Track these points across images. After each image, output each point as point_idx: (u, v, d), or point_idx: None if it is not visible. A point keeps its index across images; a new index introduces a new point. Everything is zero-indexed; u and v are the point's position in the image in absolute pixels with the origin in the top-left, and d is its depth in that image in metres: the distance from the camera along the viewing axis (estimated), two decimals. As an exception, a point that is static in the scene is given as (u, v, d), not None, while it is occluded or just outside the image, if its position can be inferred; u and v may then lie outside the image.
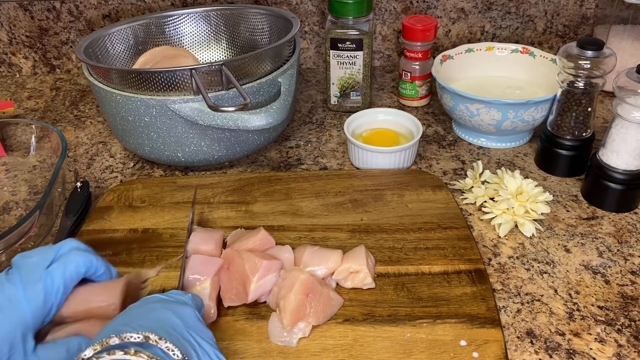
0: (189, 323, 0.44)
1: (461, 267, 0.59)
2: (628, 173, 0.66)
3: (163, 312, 0.44)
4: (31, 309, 0.45)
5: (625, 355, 0.52)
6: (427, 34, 0.85)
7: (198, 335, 0.43)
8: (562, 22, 1.01)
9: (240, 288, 0.55)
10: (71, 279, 0.48)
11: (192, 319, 0.45)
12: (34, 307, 0.46)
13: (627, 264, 0.61)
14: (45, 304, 0.46)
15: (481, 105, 0.74)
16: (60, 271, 0.48)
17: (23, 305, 0.45)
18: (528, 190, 0.66)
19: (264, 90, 0.72)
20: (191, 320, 0.45)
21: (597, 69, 0.67)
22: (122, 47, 0.86)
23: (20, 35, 1.02)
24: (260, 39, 0.88)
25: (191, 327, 0.44)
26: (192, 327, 0.44)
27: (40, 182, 0.74)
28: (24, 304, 0.45)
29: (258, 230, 0.61)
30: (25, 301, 0.45)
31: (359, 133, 0.79)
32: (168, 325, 0.42)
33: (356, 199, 0.69)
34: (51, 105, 0.97)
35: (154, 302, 0.46)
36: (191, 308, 0.46)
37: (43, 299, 0.46)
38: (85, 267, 0.50)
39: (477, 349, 0.50)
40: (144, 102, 0.69)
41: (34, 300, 0.46)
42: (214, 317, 0.54)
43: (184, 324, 0.43)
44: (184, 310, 0.45)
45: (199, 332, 0.44)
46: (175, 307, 0.45)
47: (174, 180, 0.74)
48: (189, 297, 0.48)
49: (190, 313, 0.45)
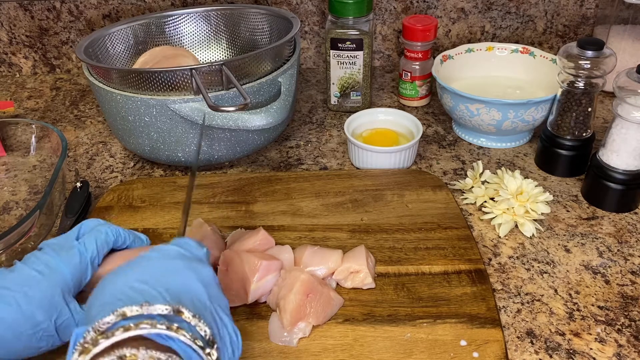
0: (211, 291, 0.40)
1: (461, 267, 0.59)
2: (628, 173, 0.66)
3: (186, 274, 0.39)
4: (70, 270, 0.46)
5: (625, 355, 0.52)
6: (427, 34, 0.85)
7: (218, 306, 0.39)
8: (562, 22, 1.01)
9: (240, 289, 0.55)
10: (102, 246, 0.49)
11: (212, 283, 0.41)
12: (72, 268, 0.46)
13: (627, 264, 0.61)
14: (81, 265, 0.47)
15: (481, 105, 0.74)
16: (92, 239, 0.49)
17: (62, 267, 0.46)
18: (528, 190, 0.66)
19: (264, 90, 0.72)
20: (212, 287, 0.40)
21: (597, 69, 0.67)
22: (122, 47, 0.86)
23: (20, 35, 1.02)
24: (260, 39, 0.88)
25: (213, 296, 0.39)
26: (213, 295, 0.39)
27: (40, 182, 0.74)
28: (63, 267, 0.46)
29: (258, 230, 0.61)
30: (63, 264, 0.46)
31: (359, 133, 0.79)
32: (194, 295, 0.38)
33: (356, 199, 0.69)
34: (51, 105, 0.97)
35: (175, 258, 0.41)
36: (210, 269, 0.42)
37: (79, 260, 0.47)
38: (115, 236, 0.51)
39: (477, 349, 0.50)
40: (144, 102, 0.69)
41: (70, 262, 0.46)
42: None
43: (207, 292, 0.39)
44: (205, 271, 0.41)
45: (219, 301, 0.40)
46: (197, 267, 0.41)
47: (174, 180, 0.74)
48: (205, 253, 0.44)
49: (210, 275, 0.41)
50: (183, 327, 0.34)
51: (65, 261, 0.46)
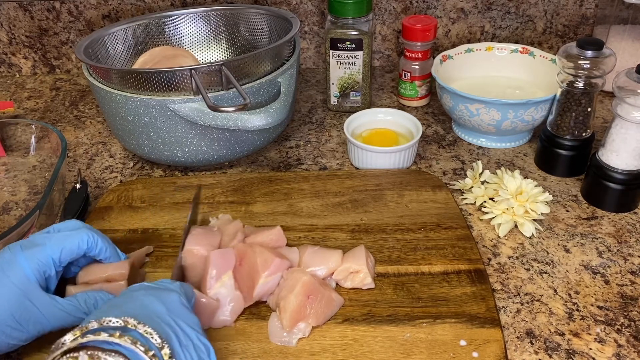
0: (173, 308, 0.45)
1: (461, 267, 0.59)
2: (628, 173, 0.66)
3: (146, 298, 0.45)
4: (31, 266, 0.48)
5: (624, 355, 0.52)
6: (427, 34, 0.85)
7: (182, 321, 0.44)
8: (562, 22, 1.01)
9: (249, 282, 0.55)
10: (69, 252, 0.51)
11: (176, 304, 0.46)
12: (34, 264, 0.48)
13: (627, 264, 0.61)
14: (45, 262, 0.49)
15: (481, 105, 0.74)
16: (60, 242, 0.50)
17: (22, 263, 0.48)
18: (528, 190, 0.66)
19: (263, 90, 0.72)
20: (175, 305, 0.45)
21: (597, 69, 0.67)
22: (122, 47, 0.86)
23: (20, 36, 1.02)
24: (260, 39, 0.88)
25: (174, 313, 0.44)
26: (175, 312, 0.44)
27: (40, 182, 0.74)
28: (24, 263, 0.48)
29: (274, 227, 0.61)
30: (25, 260, 0.48)
31: (359, 133, 0.79)
32: (150, 311, 0.43)
33: (356, 199, 0.69)
34: (51, 106, 0.97)
35: (138, 289, 0.47)
36: (177, 294, 0.47)
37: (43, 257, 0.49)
38: (88, 244, 0.52)
39: (477, 349, 0.50)
40: (143, 102, 0.69)
41: (33, 258, 0.48)
42: (244, 305, 0.55)
43: (167, 309, 0.44)
44: (169, 296, 0.46)
45: (183, 318, 0.44)
46: (160, 294, 0.46)
47: (173, 181, 0.74)
48: (176, 285, 0.48)
49: (175, 299, 0.46)
50: (131, 335, 0.40)
51: (28, 257, 0.48)
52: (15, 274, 0.47)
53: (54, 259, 0.50)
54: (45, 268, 0.49)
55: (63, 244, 0.51)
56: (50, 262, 0.50)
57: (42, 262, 0.49)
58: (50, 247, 0.50)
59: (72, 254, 0.51)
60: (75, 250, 0.51)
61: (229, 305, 0.54)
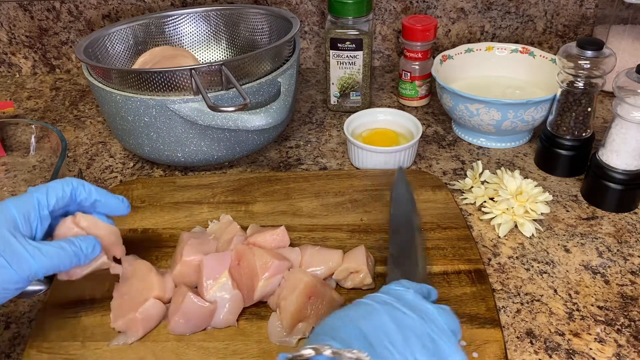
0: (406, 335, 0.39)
1: (461, 267, 0.59)
2: (628, 173, 0.66)
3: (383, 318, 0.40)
4: (17, 209, 0.48)
5: (625, 355, 0.52)
6: (427, 34, 0.85)
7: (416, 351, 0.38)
8: (562, 22, 1.01)
9: (249, 284, 0.55)
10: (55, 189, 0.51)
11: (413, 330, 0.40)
12: (19, 208, 0.49)
13: (627, 264, 0.61)
14: (30, 205, 0.49)
15: (481, 105, 0.74)
16: (45, 187, 0.51)
17: (9, 206, 0.48)
18: (528, 190, 0.66)
19: (263, 90, 0.72)
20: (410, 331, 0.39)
21: (597, 69, 0.67)
22: (122, 47, 0.86)
23: (20, 35, 1.02)
24: (260, 39, 0.88)
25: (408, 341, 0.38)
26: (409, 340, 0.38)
27: (40, 182, 0.74)
28: (10, 206, 0.48)
29: (279, 226, 0.61)
30: (12, 204, 0.49)
31: (359, 133, 0.79)
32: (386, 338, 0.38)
33: (356, 199, 0.69)
34: (51, 105, 0.97)
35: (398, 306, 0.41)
36: (414, 316, 0.41)
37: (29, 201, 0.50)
38: (73, 185, 0.52)
39: (477, 349, 0.50)
40: (143, 102, 0.69)
41: (19, 202, 0.49)
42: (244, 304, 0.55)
43: (402, 334, 0.39)
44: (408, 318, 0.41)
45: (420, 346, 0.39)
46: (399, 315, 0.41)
47: (173, 181, 0.74)
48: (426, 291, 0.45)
49: (414, 323, 0.40)
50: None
51: (14, 202, 0.49)
52: (2, 213, 0.48)
53: (40, 200, 0.50)
54: (30, 210, 0.49)
55: (48, 186, 0.51)
56: (35, 204, 0.50)
57: (28, 203, 0.49)
58: (37, 189, 0.51)
59: (57, 197, 0.51)
60: (60, 191, 0.51)
61: (230, 304, 0.54)
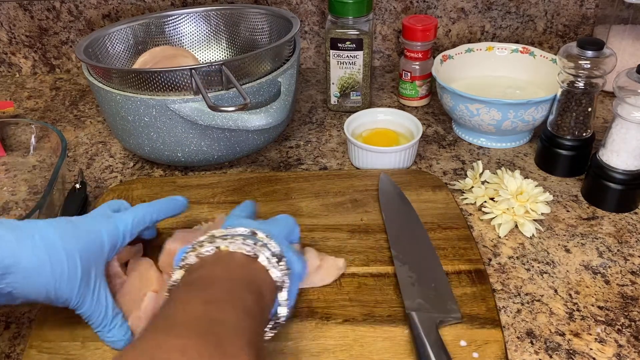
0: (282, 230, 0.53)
1: (461, 268, 0.59)
2: (628, 173, 0.66)
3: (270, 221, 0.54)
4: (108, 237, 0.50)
5: (625, 355, 0.52)
6: (427, 34, 0.85)
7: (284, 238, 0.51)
8: (562, 22, 1.01)
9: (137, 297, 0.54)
10: (137, 224, 0.53)
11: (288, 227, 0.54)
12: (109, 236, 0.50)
13: (627, 264, 0.61)
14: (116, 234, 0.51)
15: (481, 105, 0.74)
16: (130, 215, 0.53)
17: (102, 232, 0.50)
18: (528, 191, 0.66)
19: (264, 90, 0.72)
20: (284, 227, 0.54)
21: (597, 69, 0.67)
22: (122, 47, 0.86)
23: (20, 35, 1.02)
24: (260, 39, 0.88)
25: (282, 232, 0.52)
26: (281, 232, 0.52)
27: (40, 182, 0.74)
28: (103, 232, 0.50)
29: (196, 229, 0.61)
30: (104, 230, 0.50)
31: (359, 133, 0.79)
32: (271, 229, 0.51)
33: (356, 199, 0.69)
34: (51, 105, 0.97)
35: None
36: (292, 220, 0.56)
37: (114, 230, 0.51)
38: (151, 216, 0.55)
39: (477, 349, 0.50)
40: (143, 102, 0.69)
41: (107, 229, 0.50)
42: None
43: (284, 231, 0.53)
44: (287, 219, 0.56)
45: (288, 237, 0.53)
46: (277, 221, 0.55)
47: (173, 180, 0.74)
48: None
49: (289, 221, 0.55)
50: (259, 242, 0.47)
51: (104, 227, 0.50)
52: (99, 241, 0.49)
53: (124, 232, 0.52)
54: (116, 242, 0.51)
55: (132, 219, 0.53)
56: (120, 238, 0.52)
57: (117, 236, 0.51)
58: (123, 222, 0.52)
59: (140, 227, 0.54)
60: (142, 224, 0.54)
61: None
